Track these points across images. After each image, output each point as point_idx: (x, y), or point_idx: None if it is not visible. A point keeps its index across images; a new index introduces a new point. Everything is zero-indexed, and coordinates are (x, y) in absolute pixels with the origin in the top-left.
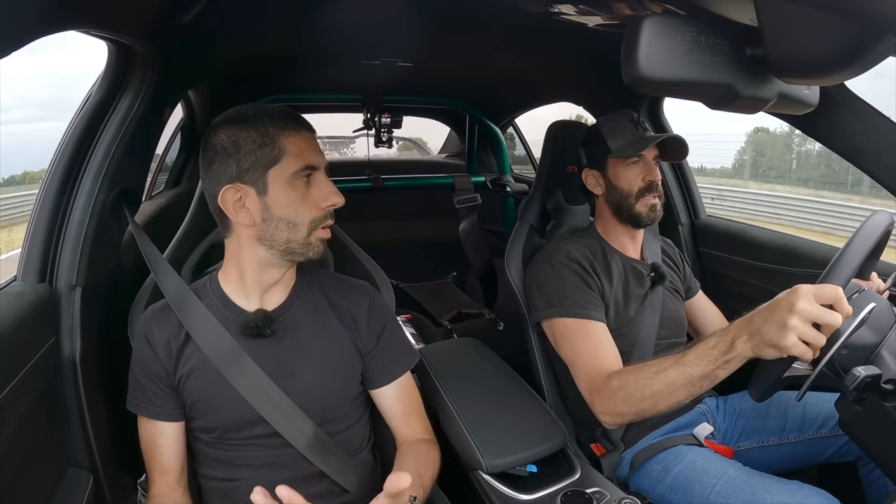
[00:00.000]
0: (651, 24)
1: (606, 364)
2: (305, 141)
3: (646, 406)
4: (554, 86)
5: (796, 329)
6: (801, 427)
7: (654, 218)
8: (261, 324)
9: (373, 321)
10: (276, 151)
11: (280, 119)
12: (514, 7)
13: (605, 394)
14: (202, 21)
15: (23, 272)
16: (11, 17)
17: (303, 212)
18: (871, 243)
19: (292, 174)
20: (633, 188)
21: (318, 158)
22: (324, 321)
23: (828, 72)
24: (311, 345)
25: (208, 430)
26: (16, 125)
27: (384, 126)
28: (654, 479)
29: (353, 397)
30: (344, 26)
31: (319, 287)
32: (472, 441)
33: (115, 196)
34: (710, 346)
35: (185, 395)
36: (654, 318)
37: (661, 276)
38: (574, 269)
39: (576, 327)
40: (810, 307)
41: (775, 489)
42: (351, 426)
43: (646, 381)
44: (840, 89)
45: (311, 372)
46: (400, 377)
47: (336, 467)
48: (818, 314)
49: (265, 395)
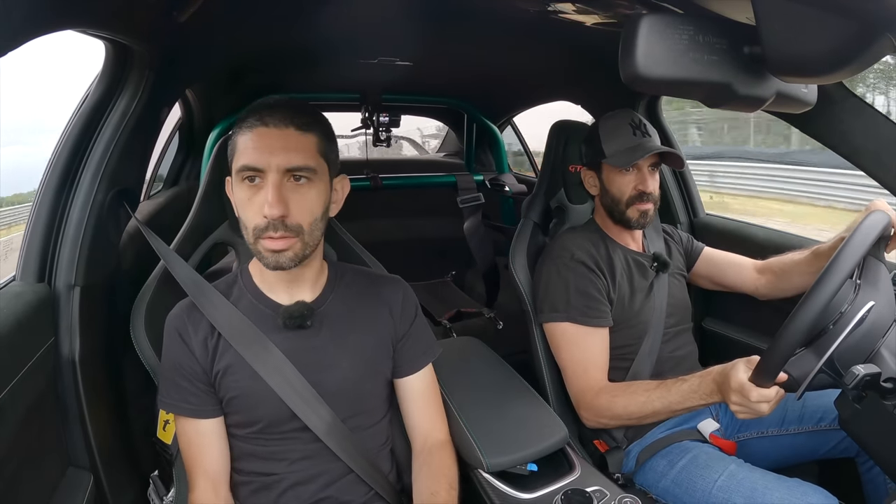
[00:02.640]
0: (649, 22)
1: (596, 378)
2: (253, 138)
3: (630, 422)
4: (551, 85)
5: (737, 411)
6: (801, 419)
7: (644, 223)
8: (303, 314)
9: (406, 312)
10: (232, 148)
11: (254, 111)
12: (511, 6)
13: (594, 408)
14: (199, 20)
15: (22, 272)
16: (8, 17)
17: (247, 216)
18: (867, 243)
19: (236, 173)
20: (623, 195)
21: (260, 159)
22: (358, 313)
23: (826, 70)
24: (347, 337)
25: (247, 426)
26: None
27: (382, 125)
28: (659, 474)
29: (381, 389)
30: (342, 25)
31: (353, 280)
32: (472, 440)
33: (113, 195)
34: (692, 389)
35: (221, 390)
36: (661, 308)
37: (665, 265)
38: (579, 270)
39: (575, 334)
40: (739, 400)
41: (775, 486)
42: (377, 423)
43: (634, 408)
44: (838, 88)
45: (347, 364)
46: (423, 368)
47: (358, 462)
48: (745, 405)
49: (292, 386)
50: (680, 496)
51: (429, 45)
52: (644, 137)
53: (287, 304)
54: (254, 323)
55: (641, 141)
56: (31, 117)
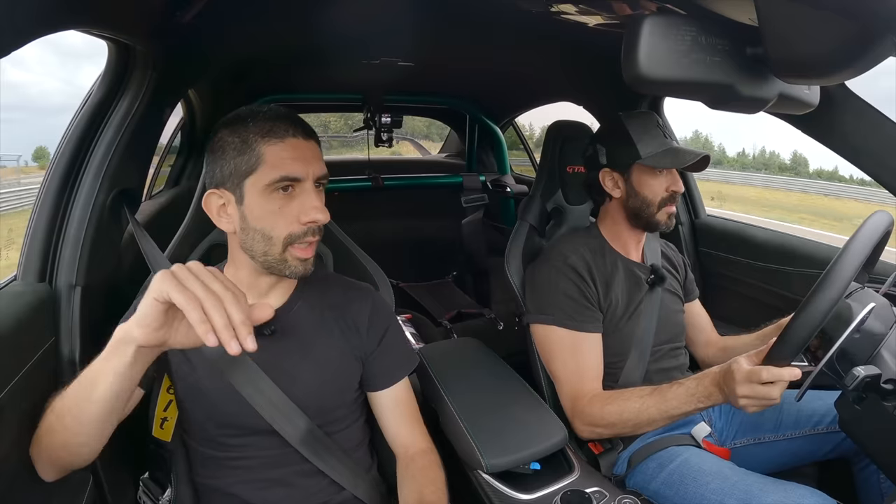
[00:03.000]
0: (651, 23)
1: (589, 385)
2: (288, 149)
3: (625, 431)
4: (554, 85)
5: (747, 404)
6: (797, 423)
7: (671, 226)
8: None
9: (375, 326)
10: (252, 160)
11: (267, 122)
12: (514, 7)
13: (587, 417)
14: (202, 20)
15: (23, 272)
16: (11, 16)
17: (279, 225)
18: (871, 245)
19: (267, 185)
20: (656, 197)
21: (301, 169)
22: (324, 324)
23: (828, 72)
24: (311, 346)
25: (204, 428)
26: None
27: (384, 126)
28: (649, 476)
29: (351, 401)
30: (345, 26)
31: (322, 289)
32: (472, 441)
33: (115, 196)
34: (689, 392)
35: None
36: (650, 322)
37: (661, 278)
38: (570, 276)
39: (564, 339)
40: (748, 391)
41: (771, 489)
42: (348, 427)
43: (629, 415)
44: (840, 89)
45: (309, 374)
46: (399, 382)
47: (331, 464)
48: (755, 393)
49: (261, 391)
50: (671, 498)
51: (431, 46)
52: (672, 140)
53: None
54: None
55: (674, 144)
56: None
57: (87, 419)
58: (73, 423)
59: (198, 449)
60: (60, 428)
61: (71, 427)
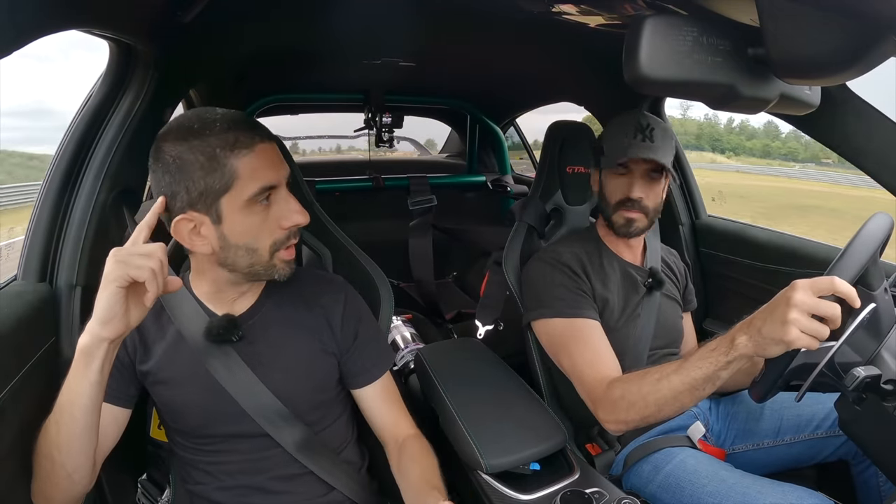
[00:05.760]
0: (653, 24)
1: (605, 371)
2: (260, 157)
3: (651, 412)
4: (555, 86)
5: (797, 322)
6: (797, 429)
7: (629, 232)
8: (224, 331)
9: (347, 321)
10: (226, 177)
11: (230, 133)
12: (515, 7)
13: (608, 403)
14: (204, 20)
15: (23, 272)
16: (12, 16)
17: (262, 236)
18: (874, 244)
19: (248, 199)
20: (612, 198)
21: (276, 175)
22: (295, 322)
23: (829, 72)
24: (282, 347)
25: (186, 432)
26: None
27: (385, 126)
28: (645, 478)
29: (331, 399)
30: (345, 26)
31: (291, 286)
32: (472, 441)
33: (115, 196)
34: (710, 348)
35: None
36: (647, 326)
37: (659, 282)
38: (564, 271)
39: (568, 330)
40: (807, 299)
41: (768, 491)
42: (329, 426)
43: (649, 388)
44: (841, 90)
45: (281, 374)
46: (380, 377)
47: (322, 466)
48: (815, 305)
49: (253, 394)
50: (668, 500)
51: (432, 46)
52: (645, 142)
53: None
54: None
55: (640, 144)
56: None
57: (75, 441)
58: (64, 453)
59: (182, 455)
60: (50, 466)
61: (61, 459)
